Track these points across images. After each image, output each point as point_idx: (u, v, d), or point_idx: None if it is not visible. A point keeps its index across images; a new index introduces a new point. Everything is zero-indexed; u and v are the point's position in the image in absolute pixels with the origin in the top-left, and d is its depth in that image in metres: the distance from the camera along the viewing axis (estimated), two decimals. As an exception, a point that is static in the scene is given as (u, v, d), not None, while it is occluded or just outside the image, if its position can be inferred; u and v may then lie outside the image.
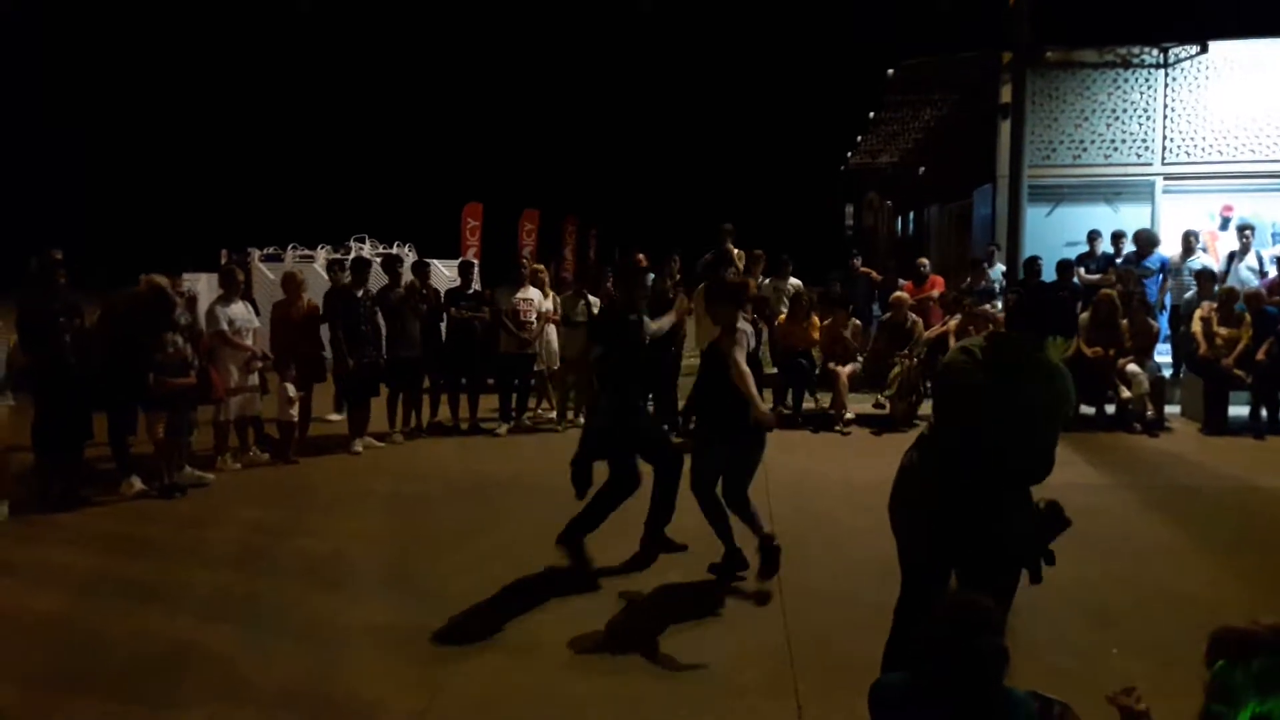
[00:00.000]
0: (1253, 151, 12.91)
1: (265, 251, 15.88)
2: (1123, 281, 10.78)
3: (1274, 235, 12.63)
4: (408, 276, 10.22)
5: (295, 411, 8.77)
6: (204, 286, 11.59)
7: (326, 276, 10.37)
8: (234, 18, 36.53)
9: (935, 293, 11.85)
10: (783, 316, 10.62)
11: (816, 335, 10.40)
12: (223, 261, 13.90)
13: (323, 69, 36.41)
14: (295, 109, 36.48)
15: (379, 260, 10.58)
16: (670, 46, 39.90)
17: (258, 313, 9.31)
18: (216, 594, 5.55)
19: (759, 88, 43.12)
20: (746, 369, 5.39)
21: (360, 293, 9.32)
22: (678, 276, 10.65)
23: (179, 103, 35.27)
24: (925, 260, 12.71)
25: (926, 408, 10.39)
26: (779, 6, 42.46)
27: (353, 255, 12.81)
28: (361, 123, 37.21)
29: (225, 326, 8.36)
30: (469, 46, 40.64)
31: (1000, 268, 12.37)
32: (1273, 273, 10.94)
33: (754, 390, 5.40)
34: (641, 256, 10.54)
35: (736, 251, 11.19)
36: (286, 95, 36.49)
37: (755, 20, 45.12)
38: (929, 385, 10.50)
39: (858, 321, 10.82)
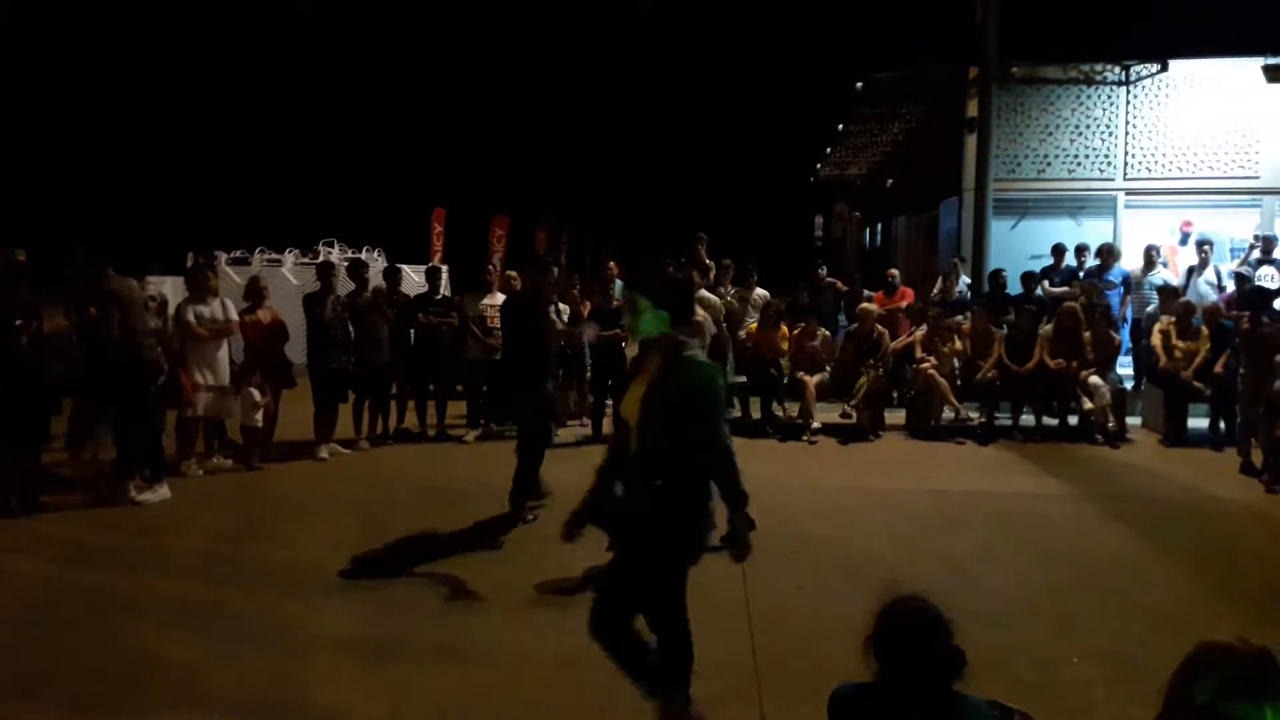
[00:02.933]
0: (1211, 169, 13.16)
1: (232, 255, 15.73)
2: (1086, 294, 10.94)
3: (1232, 250, 12.87)
4: (377, 282, 10.16)
5: (260, 417, 8.68)
6: (170, 290, 11.44)
7: (294, 280, 10.29)
8: (200, 22, 36.20)
9: (904, 304, 11.95)
10: (752, 326, 10.67)
11: (785, 345, 10.46)
12: (189, 264, 13.75)
13: (291, 72, 36.12)
14: (263, 111, 36.16)
15: (345, 265, 10.51)
16: (642, 56, 39.99)
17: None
18: (178, 601, 5.49)
19: (730, 98, 43.30)
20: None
21: (330, 297, 9.25)
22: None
23: (145, 105, 34.84)
24: (895, 271, 12.84)
25: (893, 417, 10.49)
26: (750, 18, 42.72)
27: (320, 259, 12.72)
28: (331, 126, 36.93)
29: (191, 319, 8.29)
30: (442, 51, 40.51)
31: (965, 280, 12.52)
32: (1231, 287, 11.14)
33: None
34: (613, 264, 10.63)
35: (708, 261, 11.24)
36: (254, 97, 36.15)
37: (727, 30, 45.34)
38: (896, 395, 10.61)
39: (826, 332, 10.90)
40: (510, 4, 40.05)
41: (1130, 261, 12.03)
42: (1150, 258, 11.72)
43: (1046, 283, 11.83)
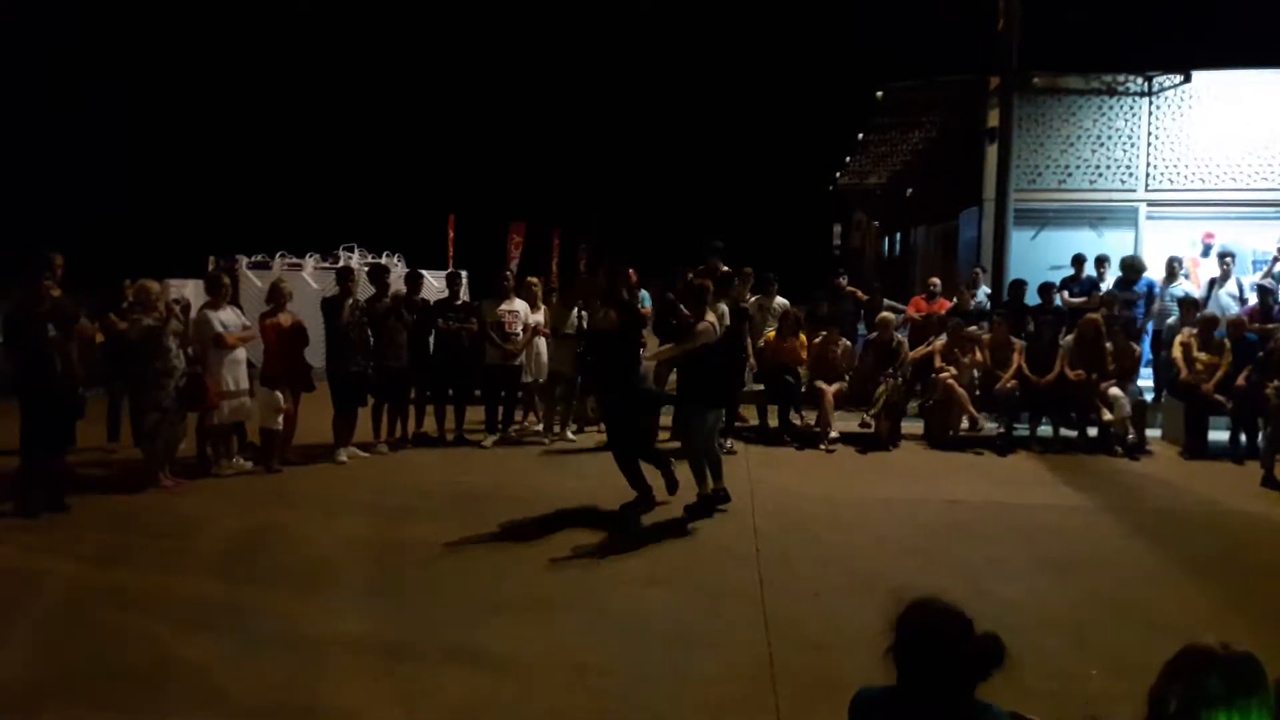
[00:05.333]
0: (1234, 180, 13.08)
1: (253, 259, 15.85)
2: (1106, 305, 10.87)
3: (1254, 263, 12.77)
4: (399, 286, 10.22)
5: (281, 420, 8.75)
6: (192, 292, 11.55)
7: (314, 285, 10.36)
8: (224, 28, 36.55)
9: (941, 312, 11.78)
10: (771, 334, 10.65)
11: (804, 354, 10.45)
12: (210, 268, 13.87)
13: (314, 77, 36.40)
14: (287, 116, 36.44)
15: (366, 270, 10.57)
16: (662, 65, 40.09)
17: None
18: (197, 602, 5.53)
19: (750, 107, 43.37)
20: (678, 350, 7.54)
21: (349, 302, 9.30)
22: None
23: (169, 108, 35.19)
24: (937, 280, 12.75)
25: (910, 427, 10.46)
26: (772, 25, 42.79)
27: (340, 264, 12.81)
28: (352, 131, 37.20)
29: (220, 329, 8.38)
30: (465, 58, 40.78)
31: (985, 290, 12.46)
32: (1252, 299, 11.06)
33: (665, 355, 7.92)
34: (631, 271, 10.67)
35: (724, 269, 11.22)
36: (278, 102, 36.44)
37: (747, 38, 45.43)
38: (919, 404, 10.58)
39: (847, 341, 10.86)
40: (534, 14, 40.28)
41: (1152, 273, 11.96)
42: (1172, 269, 11.65)
43: (1066, 293, 11.77)
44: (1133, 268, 11.70)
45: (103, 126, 33.34)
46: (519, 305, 10.18)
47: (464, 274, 11.63)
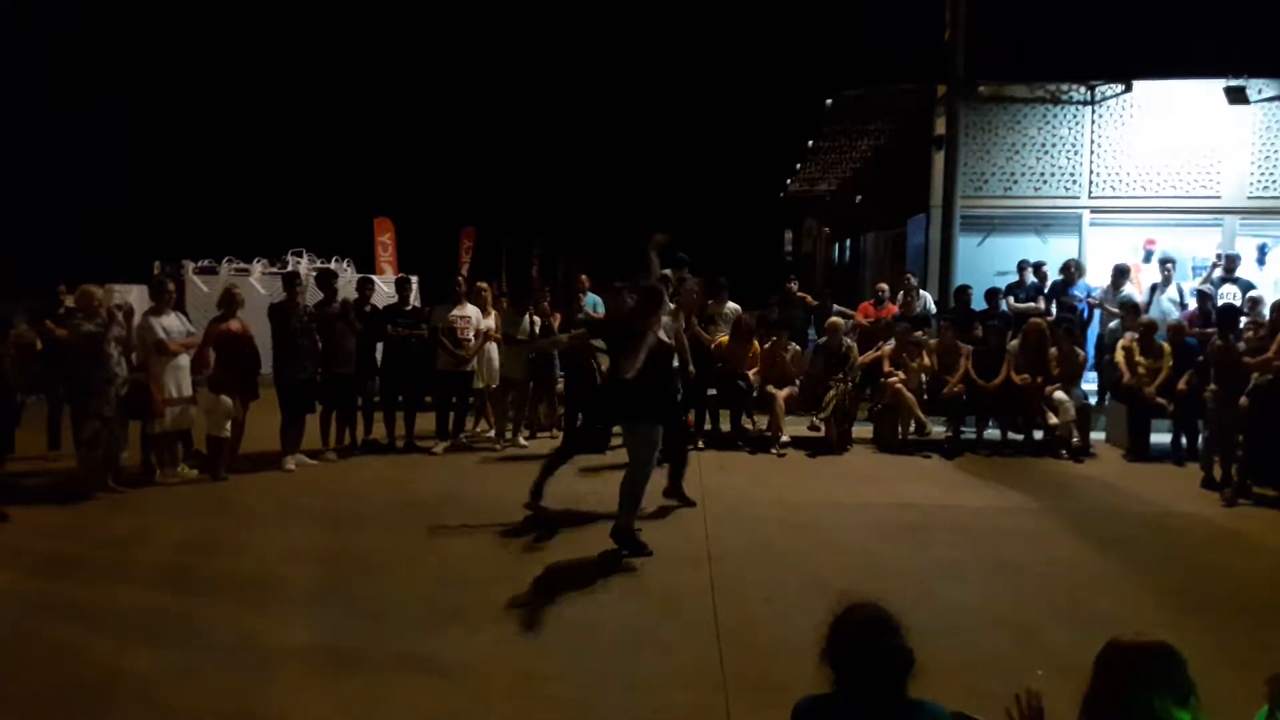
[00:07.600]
0: (1174, 188, 13.41)
1: (199, 264, 15.60)
2: (1060, 307, 11.04)
3: (1194, 268, 13.09)
4: (349, 292, 10.12)
5: (229, 427, 8.60)
6: (136, 298, 11.33)
7: (261, 290, 10.22)
8: (170, 29, 35.89)
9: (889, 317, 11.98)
10: (723, 339, 10.70)
11: (756, 359, 10.51)
12: (155, 273, 13.62)
13: (264, 81, 35.89)
14: (236, 119, 35.88)
15: (314, 275, 10.44)
16: (613, 72, 40.09)
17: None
18: (142, 613, 5.41)
19: (701, 114, 43.58)
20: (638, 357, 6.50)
21: (297, 307, 9.16)
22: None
23: (112, 112, 34.49)
24: (885, 286, 12.96)
25: (860, 431, 10.56)
26: (723, 33, 43.01)
27: (288, 269, 12.65)
28: (302, 136, 36.69)
29: (162, 335, 8.22)
30: (416, 64, 40.41)
31: (927, 295, 12.63)
32: (1192, 304, 11.32)
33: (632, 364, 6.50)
34: (584, 277, 10.65)
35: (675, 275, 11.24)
36: (226, 105, 35.88)
37: (698, 47, 45.62)
38: (866, 409, 10.68)
39: (797, 346, 10.95)
40: (485, 22, 40.10)
41: (1095, 278, 12.21)
42: (1118, 275, 11.90)
43: (1011, 298, 11.98)
44: (1076, 269, 11.97)
45: (47, 130, 32.62)
46: (470, 310, 10.12)
47: (414, 279, 11.54)
